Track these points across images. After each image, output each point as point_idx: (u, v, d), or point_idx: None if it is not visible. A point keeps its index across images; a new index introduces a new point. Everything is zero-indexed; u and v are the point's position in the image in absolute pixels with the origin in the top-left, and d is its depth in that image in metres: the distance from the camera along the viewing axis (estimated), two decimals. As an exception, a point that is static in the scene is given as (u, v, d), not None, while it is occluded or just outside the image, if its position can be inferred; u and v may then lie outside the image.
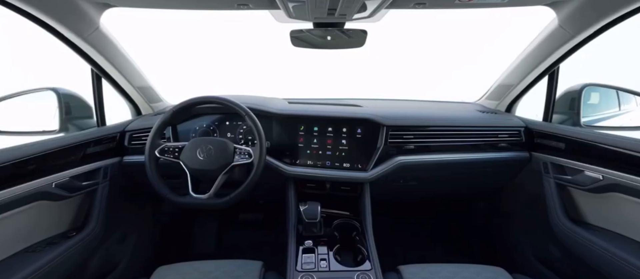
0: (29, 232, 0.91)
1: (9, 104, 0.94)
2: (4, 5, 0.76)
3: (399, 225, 1.80)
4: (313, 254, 0.99)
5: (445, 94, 1.75)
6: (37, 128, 0.99)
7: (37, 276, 0.83)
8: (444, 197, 1.69)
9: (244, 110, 1.05)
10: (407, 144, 1.17)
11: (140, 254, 1.34)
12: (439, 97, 1.66)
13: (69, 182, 0.96)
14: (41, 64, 2.50)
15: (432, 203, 1.78)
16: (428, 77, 3.41)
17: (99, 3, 0.89)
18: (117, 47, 1.06)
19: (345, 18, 0.88)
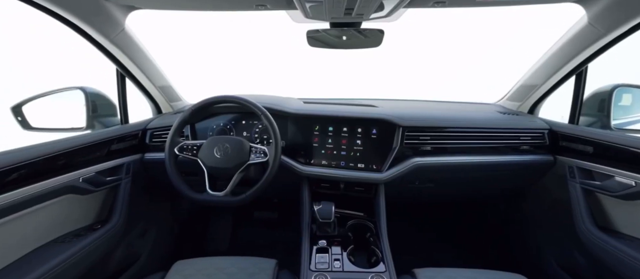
0: (58, 224, 0.96)
1: (42, 102, 1.00)
2: (40, 9, 0.81)
3: (414, 227, 1.77)
4: (327, 254, 0.99)
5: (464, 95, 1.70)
6: (67, 125, 1.05)
7: (65, 267, 0.88)
8: (461, 200, 1.65)
9: (260, 109, 1.06)
10: (423, 146, 1.15)
11: (159, 248, 1.39)
12: (457, 98, 1.62)
13: (94, 177, 1.01)
14: (67, 64, 2.64)
15: (448, 205, 1.74)
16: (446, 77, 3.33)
17: (125, 5, 0.93)
18: (140, 47, 1.10)
19: (362, 18, 0.87)
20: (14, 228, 0.81)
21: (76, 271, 0.93)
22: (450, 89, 3.09)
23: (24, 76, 2.89)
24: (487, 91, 1.71)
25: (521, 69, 1.32)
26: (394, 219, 1.20)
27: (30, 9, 0.81)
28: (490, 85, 1.87)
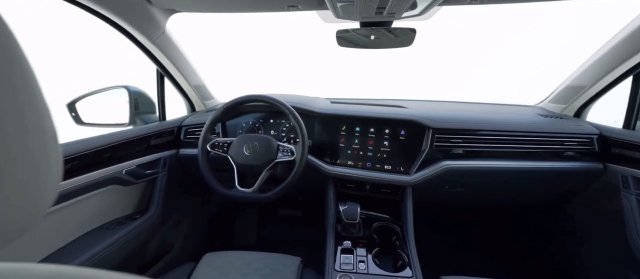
0: (104, 211, 1.04)
1: (92, 99, 1.09)
2: (95, 15, 0.88)
3: (442, 233, 1.70)
4: (351, 255, 0.98)
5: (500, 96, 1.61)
6: (112, 121, 1.13)
7: (109, 252, 0.95)
8: (494, 207, 1.56)
9: (289, 109, 1.08)
10: (454, 149, 1.10)
11: (191, 239, 1.46)
12: (493, 99, 1.53)
13: (135, 170, 1.08)
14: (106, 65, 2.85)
15: (480, 212, 1.65)
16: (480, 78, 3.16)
17: (166, 9, 0.99)
18: (178, 48, 1.16)
19: (393, 17, 0.85)
20: (70, 213, 0.90)
21: (119, 256, 1.01)
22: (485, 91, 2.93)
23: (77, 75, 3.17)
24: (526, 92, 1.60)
25: (565, 70, 1.22)
26: (421, 223, 1.16)
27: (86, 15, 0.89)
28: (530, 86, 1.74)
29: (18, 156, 0.22)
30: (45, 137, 0.24)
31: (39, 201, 0.23)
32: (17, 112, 0.21)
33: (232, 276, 0.94)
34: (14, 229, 0.22)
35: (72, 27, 2.46)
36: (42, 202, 0.24)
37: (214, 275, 0.94)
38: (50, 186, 0.24)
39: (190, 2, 0.94)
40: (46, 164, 0.24)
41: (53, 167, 0.24)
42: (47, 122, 0.24)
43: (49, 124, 0.24)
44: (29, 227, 0.23)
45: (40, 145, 0.23)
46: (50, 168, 0.24)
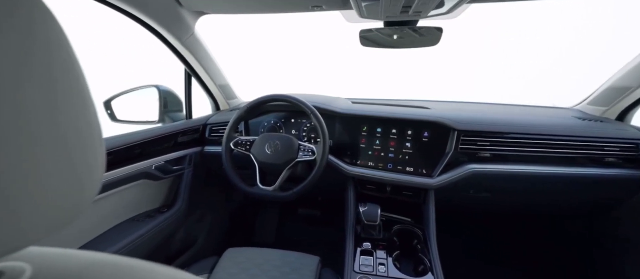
0: (135, 204, 1.10)
1: (125, 98, 1.15)
2: (129, 16, 0.94)
3: (466, 239, 1.64)
4: (371, 257, 0.97)
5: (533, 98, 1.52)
6: (144, 118, 1.19)
7: (139, 242, 1.00)
8: (523, 214, 1.48)
9: (310, 109, 1.09)
10: (481, 152, 1.06)
11: (213, 234, 1.51)
12: (523, 101, 1.45)
13: (164, 165, 1.13)
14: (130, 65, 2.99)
15: (507, 219, 1.58)
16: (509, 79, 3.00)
17: (195, 11, 1.03)
18: (205, 49, 1.21)
19: (419, 15, 0.83)
20: (105, 205, 0.96)
21: (148, 247, 1.06)
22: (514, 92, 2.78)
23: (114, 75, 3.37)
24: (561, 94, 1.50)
25: (605, 70, 1.14)
26: (443, 228, 1.13)
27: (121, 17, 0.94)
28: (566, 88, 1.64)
29: (69, 149, 0.23)
30: (92, 133, 0.25)
31: (86, 191, 0.25)
32: (69, 110, 0.23)
33: (253, 272, 0.96)
34: (65, 216, 0.24)
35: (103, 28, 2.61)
36: (88, 193, 0.25)
37: (235, 270, 0.96)
38: (96, 177, 0.26)
39: (218, 4, 0.97)
40: (93, 157, 0.25)
41: (98, 160, 0.26)
42: (93, 119, 0.26)
43: (95, 120, 0.26)
44: (77, 215, 0.25)
45: (87, 140, 0.25)
46: (95, 161, 0.26)
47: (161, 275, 0.28)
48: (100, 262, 0.28)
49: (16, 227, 0.20)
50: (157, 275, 0.28)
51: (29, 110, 0.20)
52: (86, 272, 0.26)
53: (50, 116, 0.22)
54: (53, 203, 0.22)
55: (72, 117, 0.23)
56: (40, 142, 0.21)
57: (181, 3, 0.96)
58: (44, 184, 0.22)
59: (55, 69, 0.22)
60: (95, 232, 0.96)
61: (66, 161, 0.23)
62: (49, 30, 0.22)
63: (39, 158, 0.21)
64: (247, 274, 0.95)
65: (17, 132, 0.20)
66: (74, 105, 0.24)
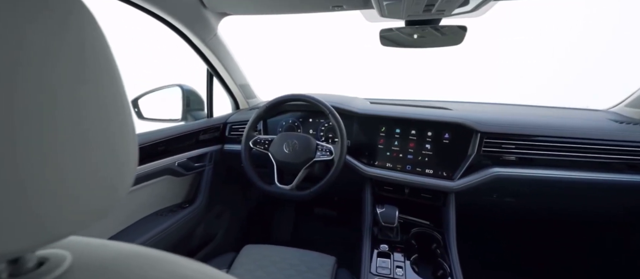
0: (159, 199, 1.15)
1: (151, 97, 1.20)
2: (156, 18, 0.97)
3: (489, 244, 1.58)
4: (389, 260, 0.96)
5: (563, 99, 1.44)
6: (167, 116, 1.24)
7: (161, 236, 1.04)
8: (551, 221, 1.41)
9: (328, 108, 1.09)
10: (506, 155, 1.02)
11: (232, 230, 1.54)
12: (552, 102, 1.38)
13: (186, 162, 1.17)
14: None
15: (533, 225, 1.50)
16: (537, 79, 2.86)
17: (219, 13, 1.06)
18: (227, 49, 1.24)
19: (442, 14, 0.81)
20: (131, 199, 1.00)
21: (170, 241, 1.10)
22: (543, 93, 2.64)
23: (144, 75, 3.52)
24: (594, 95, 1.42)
25: None
26: (464, 232, 1.09)
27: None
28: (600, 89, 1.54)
29: (108, 145, 0.25)
30: (127, 129, 0.27)
31: (121, 184, 0.26)
32: (108, 108, 0.24)
33: (270, 269, 0.97)
34: (102, 208, 0.25)
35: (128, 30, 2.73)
36: (123, 185, 0.27)
37: (253, 266, 0.98)
38: (130, 171, 0.27)
39: (241, 5, 1.00)
40: (127, 152, 0.27)
41: (132, 155, 0.27)
42: (128, 116, 0.27)
43: (130, 118, 0.27)
44: (113, 206, 0.26)
45: (123, 136, 0.26)
46: (129, 156, 0.27)
47: (189, 269, 0.29)
48: (134, 253, 0.30)
49: (60, 218, 0.22)
50: (185, 269, 0.29)
51: (78, 108, 0.22)
52: (121, 262, 0.27)
53: (93, 114, 0.23)
54: (92, 195, 0.24)
55: (110, 114, 0.25)
56: (84, 138, 0.23)
57: (205, 5, 0.99)
58: (84, 178, 0.23)
59: (98, 70, 0.24)
60: (123, 224, 1.00)
61: (105, 155, 0.24)
62: (94, 34, 0.23)
63: (81, 153, 0.22)
64: (264, 271, 0.96)
65: (65, 128, 0.21)
66: (112, 103, 0.25)
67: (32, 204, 0.20)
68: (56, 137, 0.21)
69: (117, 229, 0.98)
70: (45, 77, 0.20)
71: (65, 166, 0.21)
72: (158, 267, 0.28)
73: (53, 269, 0.25)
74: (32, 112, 0.19)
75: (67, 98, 0.21)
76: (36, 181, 0.20)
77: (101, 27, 0.25)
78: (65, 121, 0.21)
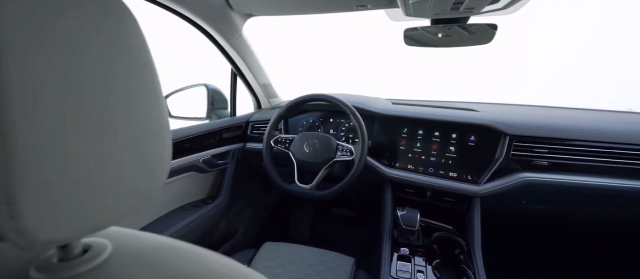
0: (184, 194, 1.19)
1: (179, 95, 1.25)
2: (179, 16, 1.01)
3: (516, 253, 1.51)
4: (409, 264, 0.94)
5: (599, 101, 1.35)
6: (193, 115, 1.28)
7: (187, 230, 1.08)
8: (586, 230, 1.32)
9: (350, 109, 1.08)
10: (537, 159, 0.97)
11: (252, 227, 1.57)
12: (588, 104, 1.29)
13: (210, 159, 1.21)
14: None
15: (566, 234, 1.41)
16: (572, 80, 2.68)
17: (244, 14, 1.08)
18: (251, 49, 1.26)
19: (471, 12, 0.78)
20: (160, 193, 1.05)
21: (194, 235, 1.14)
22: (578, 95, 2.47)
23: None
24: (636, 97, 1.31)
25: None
26: (489, 239, 1.05)
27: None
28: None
29: (146, 142, 0.26)
30: (163, 127, 0.28)
31: (157, 178, 0.28)
32: (147, 107, 0.26)
33: (288, 267, 0.98)
34: (140, 200, 0.26)
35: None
36: (159, 179, 0.28)
37: (272, 264, 0.99)
38: (165, 166, 0.29)
39: (266, 7, 1.02)
40: (163, 149, 0.28)
41: (166, 150, 0.29)
42: (164, 115, 0.28)
43: (165, 116, 0.29)
44: (150, 199, 0.28)
45: (159, 133, 0.27)
46: (165, 152, 0.28)
47: (218, 263, 0.30)
48: (168, 245, 0.31)
49: (104, 209, 0.23)
50: (215, 263, 0.30)
51: (125, 107, 0.23)
52: (156, 252, 0.29)
53: (135, 111, 0.24)
54: (132, 188, 0.25)
55: (150, 111, 0.26)
56: (125, 136, 0.24)
57: (232, 6, 1.02)
58: (126, 172, 0.24)
59: (140, 70, 0.25)
60: (151, 217, 1.05)
61: (143, 152, 0.26)
62: (138, 38, 0.25)
63: (123, 150, 0.24)
64: (283, 269, 0.97)
65: (113, 126, 0.23)
66: (152, 101, 0.26)
67: (81, 197, 0.21)
68: (104, 135, 0.22)
69: (146, 221, 1.03)
70: (97, 78, 0.22)
71: (110, 161, 0.23)
72: (190, 260, 0.29)
73: (96, 257, 0.26)
74: (83, 112, 0.21)
75: (115, 97, 0.23)
76: (85, 176, 0.21)
77: (143, 31, 0.26)
78: (112, 119, 0.23)
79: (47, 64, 0.19)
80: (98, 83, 0.22)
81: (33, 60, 0.18)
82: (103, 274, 0.25)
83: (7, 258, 0.26)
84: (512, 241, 1.50)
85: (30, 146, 0.18)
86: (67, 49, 0.20)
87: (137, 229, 0.35)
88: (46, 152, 0.19)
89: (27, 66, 0.18)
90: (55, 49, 0.19)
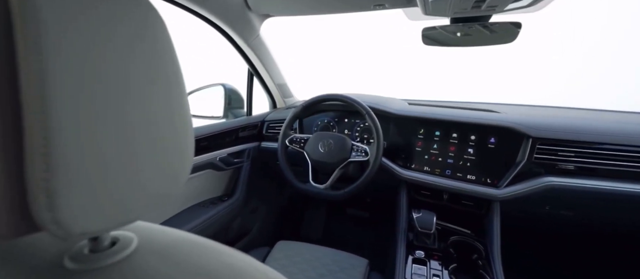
0: (201, 191, 1.22)
1: (198, 95, 1.29)
2: (199, 17, 1.03)
3: (538, 261, 1.45)
4: (425, 267, 0.92)
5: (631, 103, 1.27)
6: (211, 114, 1.31)
7: (203, 226, 1.11)
8: (614, 237, 1.25)
9: (365, 109, 1.07)
10: (563, 163, 0.93)
11: (266, 226, 1.59)
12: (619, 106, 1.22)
13: (226, 158, 1.23)
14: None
15: (594, 242, 1.34)
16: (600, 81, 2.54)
17: (262, 14, 1.10)
18: (267, 49, 1.28)
19: (493, 10, 0.76)
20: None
21: (210, 231, 1.16)
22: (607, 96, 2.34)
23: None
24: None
25: None
26: (509, 245, 1.02)
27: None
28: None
29: (170, 140, 0.27)
30: (186, 125, 0.29)
31: (180, 174, 0.29)
32: (170, 104, 0.27)
33: (302, 266, 0.99)
34: (164, 196, 0.27)
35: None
36: (182, 175, 0.29)
37: (286, 262, 1.00)
38: (187, 163, 0.30)
39: (283, 7, 1.02)
40: (185, 146, 0.29)
41: (189, 148, 0.30)
42: (187, 113, 0.29)
43: (189, 115, 0.30)
44: (172, 195, 0.29)
45: (183, 130, 0.28)
46: (187, 149, 0.29)
47: (240, 260, 0.30)
48: (190, 240, 0.32)
49: (132, 204, 0.24)
50: (236, 260, 0.30)
51: (149, 105, 0.24)
52: (180, 247, 0.30)
53: (161, 109, 0.25)
54: (158, 184, 0.26)
55: (174, 110, 0.27)
56: (153, 134, 0.25)
57: (250, 7, 1.04)
58: (153, 168, 0.25)
59: (166, 70, 0.26)
60: (172, 212, 1.09)
61: (170, 148, 0.27)
62: (164, 38, 0.26)
63: (151, 146, 0.25)
64: (297, 268, 0.98)
65: (139, 124, 0.23)
66: (176, 100, 0.27)
67: (112, 191, 0.22)
68: (134, 132, 0.23)
69: (167, 216, 1.06)
70: (127, 78, 0.23)
71: (140, 157, 0.24)
72: (211, 255, 0.30)
73: (123, 249, 0.27)
74: (115, 112, 0.22)
75: (140, 96, 0.23)
76: (117, 171, 0.22)
77: (169, 32, 0.27)
78: (141, 118, 0.23)
79: (83, 65, 0.20)
80: (128, 83, 0.22)
81: (72, 62, 0.19)
82: (130, 266, 0.26)
83: (43, 248, 0.28)
84: (533, 246, 1.44)
85: (69, 144, 0.19)
86: (104, 51, 0.21)
87: (157, 223, 0.36)
88: (82, 150, 0.20)
89: (66, 69, 0.19)
90: (92, 50, 0.20)
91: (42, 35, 0.18)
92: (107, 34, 0.21)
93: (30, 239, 0.28)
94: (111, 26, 0.21)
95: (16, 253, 0.27)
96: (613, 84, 2.46)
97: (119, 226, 0.25)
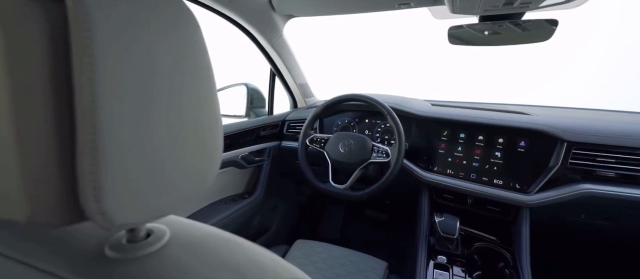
0: (224, 188, 1.26)
1: (221, 94, 1.32)
2: (224, 18, 1.06)
3: (569, 270, 1.36)
4: (447, 273, 0.90)
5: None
6: (234, 113, 1.35)
7: (226, 222, 1.14)
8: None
9: (387, 110, 1.06)
10: (602, 170, 0.87)
11: (285, 224, 1.61)
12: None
13: (247, 156, 1.26)
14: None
15: (632, 253, 1.24)
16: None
17: (286, 15, 1.11)
18: (290, 49, 1.29)
19: (527, 7, 0.72)
20: None
21: (232, 227, 1.19)
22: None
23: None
24: None
25: None
26: (537, 253, 0.96)
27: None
28: None
29: (203, 138, 0.28)
30: (217, 123, 0.30)
31: (210, 170, 0.30)
32: (200, 103, 0.28)
33: (320, 266, 0.99)
34: (195, 191, 0.28)
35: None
36: (211, 172, 0.30)
37: (304, 261, 1.01)
38: (216, 160, 0.31)
39: (307, 8, 1.03)
40: (215, 143, 0.30)
41: (218, 145, 0.31)
42: (218, 112, 0.30)
43: (219, 113, 0.31)
44: (203, 190, 0.30)
45: (213, 128, 0.29)
46: (217, 146, 0.30)
47: (265, 257, 0.31)
48: (219, 236, 0.33)
49: (166, 198, 0.25)
50: (262, 257, 0.31)
51: (180, 104, 0.25)
52: (209, 242, 0.31)
53: (192, 109, 0.26)
54: (189, 180, 0.27)
55: (205, 109, 0.28)
56: (189, 132, 0.26)
57: (274, 8, 1.05)
58: (189, 164, 0.26)
59: (198, 69, 0.27)
60: (197, 207, 1.13)
61: (200, 145, 0.28)
62: (197, 37, 0.27)
63: (187, 144, 0.26)
64: (315, 267, 0.98)
65: (173, 123, 0.25)
66: (207, 99, 0.28)
67: (151, 185, 0.23)
68: (172, 130, 0.24)
69: (191, 211, 1.10)
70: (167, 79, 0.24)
71: (177, 154, 0.25)
72: (238, 251, 0.31)
73: (157, 241, 0.29)
74: (156, 110, 0.23)
75: (181, 97, 0.25)
76: (156, 167, 0.23)
77: (202, 31, 0.28)
78: (179, 117, 0.25)
79: (128, 67, 0.21)
80: (168, 83, 0.24)
81: (118, 64, 0.20)
82: (163, 258, 0.27)
83: (84, 239, 0.30)
84: (566, 257, 1.35)
85: (114, 140, 0.20)
86: (144, 53, 0.22)
87: (184, 217, 0.37)
88: (126, 146, 0.21)
89: (113, 70, 0.20)
90: (134, 52, 0.21)
91: (94, 36, 0.19)
92: (153, 41, 0.22)
93: (72, 230, 0.31)
94: (146, 26, 0.22)
95: (61, 242, 0.29)
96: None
97: (154, 219, 0.26)
